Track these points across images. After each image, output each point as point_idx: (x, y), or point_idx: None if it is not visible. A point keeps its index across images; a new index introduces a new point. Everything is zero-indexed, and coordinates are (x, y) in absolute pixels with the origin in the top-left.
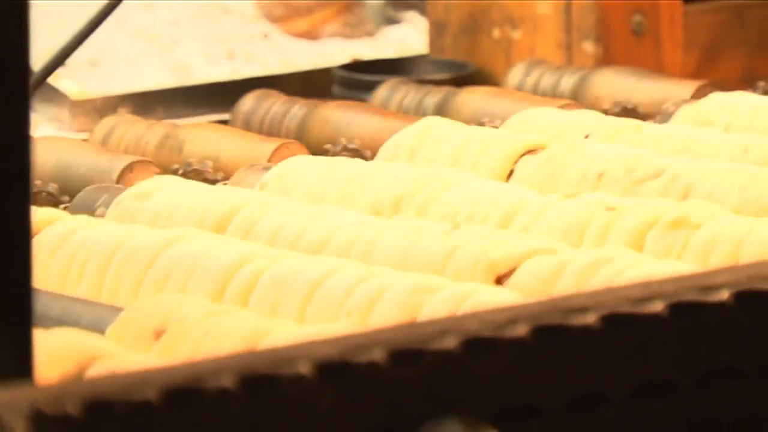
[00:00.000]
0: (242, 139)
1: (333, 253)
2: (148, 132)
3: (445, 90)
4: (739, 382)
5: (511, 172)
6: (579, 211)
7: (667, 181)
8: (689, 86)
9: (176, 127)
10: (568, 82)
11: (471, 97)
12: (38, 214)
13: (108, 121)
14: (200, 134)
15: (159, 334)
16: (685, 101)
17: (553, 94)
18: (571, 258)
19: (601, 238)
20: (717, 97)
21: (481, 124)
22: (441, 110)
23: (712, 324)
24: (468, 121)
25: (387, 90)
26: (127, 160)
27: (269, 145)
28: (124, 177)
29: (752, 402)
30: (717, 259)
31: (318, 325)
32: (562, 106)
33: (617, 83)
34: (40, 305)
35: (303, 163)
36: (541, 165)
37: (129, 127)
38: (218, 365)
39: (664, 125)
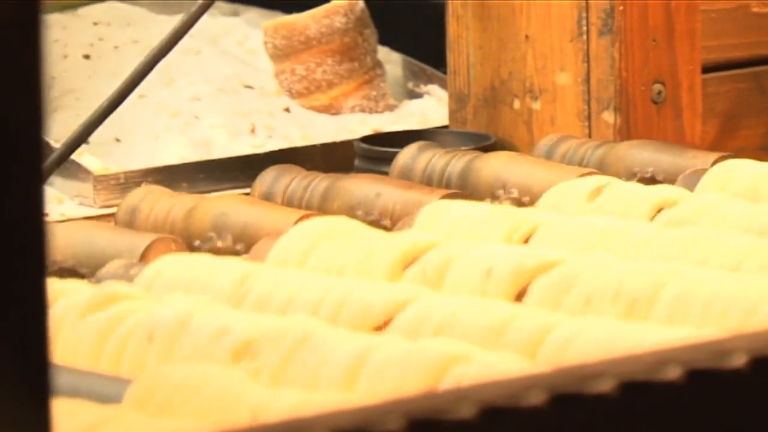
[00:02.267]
0: (269, 211)
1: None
2: (176, 206)
3: (468, 156)
4: None
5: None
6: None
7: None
8: (709, 158)
9: (203, 199)
10: (592, 156)
11: (494, 163)
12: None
13: (135, 195)
14: (232, 205)
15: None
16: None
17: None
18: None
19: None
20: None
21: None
22: (464, 177)
23: (728, 391)
24: (491, 187)
25: (409, 156)
26: (149, 238)
27: (294, 216)
28: (147, 255)
29: None
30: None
31: (333, 394)
32: (583, 175)
33: (639, 156)
34: (58, 379)
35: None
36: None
37: (156, 199)
38: None
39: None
